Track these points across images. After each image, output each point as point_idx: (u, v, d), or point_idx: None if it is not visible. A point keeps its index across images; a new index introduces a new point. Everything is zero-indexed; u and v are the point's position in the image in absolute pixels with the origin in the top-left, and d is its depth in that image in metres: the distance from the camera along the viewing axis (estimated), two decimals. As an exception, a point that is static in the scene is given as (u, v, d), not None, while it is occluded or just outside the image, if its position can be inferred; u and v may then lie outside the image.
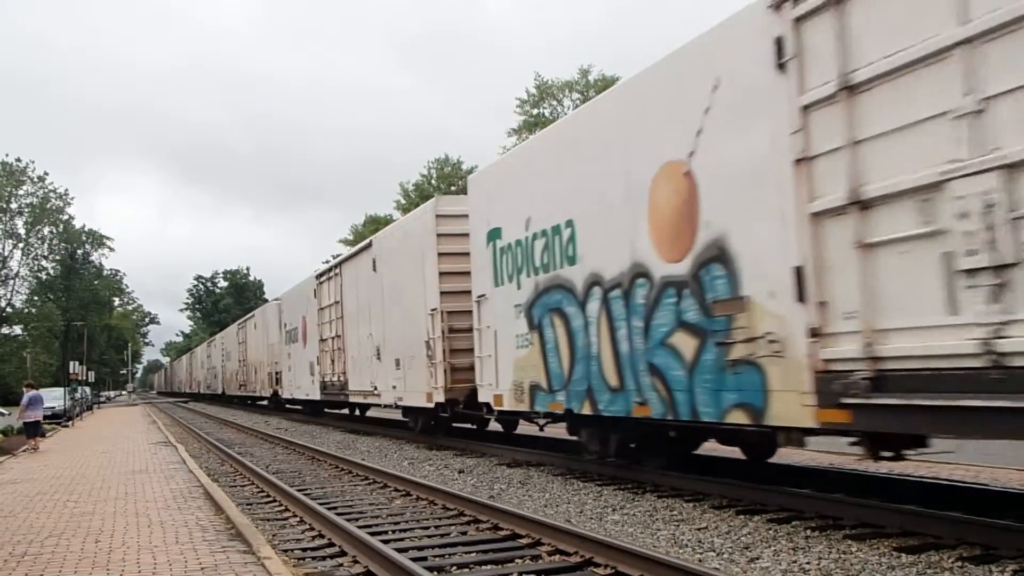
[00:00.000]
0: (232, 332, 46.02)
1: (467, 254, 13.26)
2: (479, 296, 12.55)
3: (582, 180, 9.67)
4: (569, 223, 9.96)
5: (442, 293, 14.19)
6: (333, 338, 21.39)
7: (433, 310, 14.34)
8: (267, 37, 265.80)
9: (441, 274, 14.24)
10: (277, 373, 30.66)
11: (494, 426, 17.84)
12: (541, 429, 12.65)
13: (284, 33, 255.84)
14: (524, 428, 16.09)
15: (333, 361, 21.43)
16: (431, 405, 14.58)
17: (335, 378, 21.31)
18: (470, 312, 13.06)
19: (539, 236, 10.62)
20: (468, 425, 16.35)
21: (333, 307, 21.38)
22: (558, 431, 12.57)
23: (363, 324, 18.73)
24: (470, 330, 13.07)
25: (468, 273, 13.23)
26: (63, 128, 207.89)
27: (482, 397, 12.59)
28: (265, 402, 36.49)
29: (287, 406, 31.78)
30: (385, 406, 18.33)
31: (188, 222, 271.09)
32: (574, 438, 11.24)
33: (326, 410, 26.83)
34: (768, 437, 8.15)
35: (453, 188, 57.70)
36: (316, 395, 23.91)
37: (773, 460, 10.36)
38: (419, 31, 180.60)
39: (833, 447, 12.62)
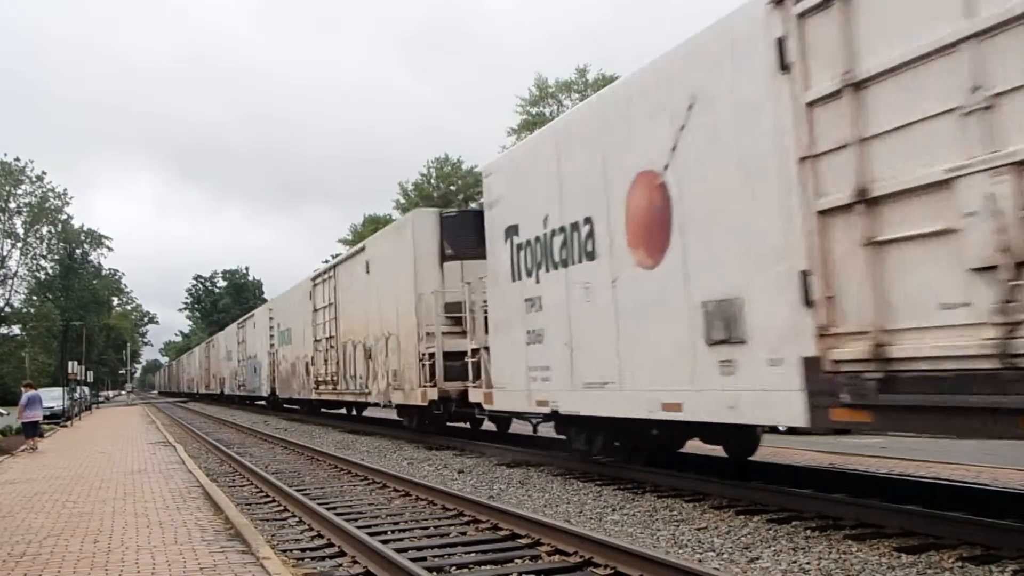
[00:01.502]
0: (298, 296, 26.92)
1: None
2: None
3: None
4: None
5: None
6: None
7: None
8: (266, 34, 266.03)
9: None
10: (454, 356, 14.41)
11: (488, 425, 16.43)
12: None
13: (283, 30, 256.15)
14: (519, 427, 15.96)
15: None
16: None
17: None
18: None
19: None
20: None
21: None
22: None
23: None
24: None
25: None
26: (60, 125, 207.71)
27: None
28: (404, 419, 18.07)
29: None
30: None
31: (186, 221, 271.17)
32: None
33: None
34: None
35: (452, 188, 57.67)
36: (797, 412, 6.58)
37: (773, 460, 10.36)
38: (418, 28, 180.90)
39: (835, 447, 12.62)
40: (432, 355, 14.96)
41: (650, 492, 9.21)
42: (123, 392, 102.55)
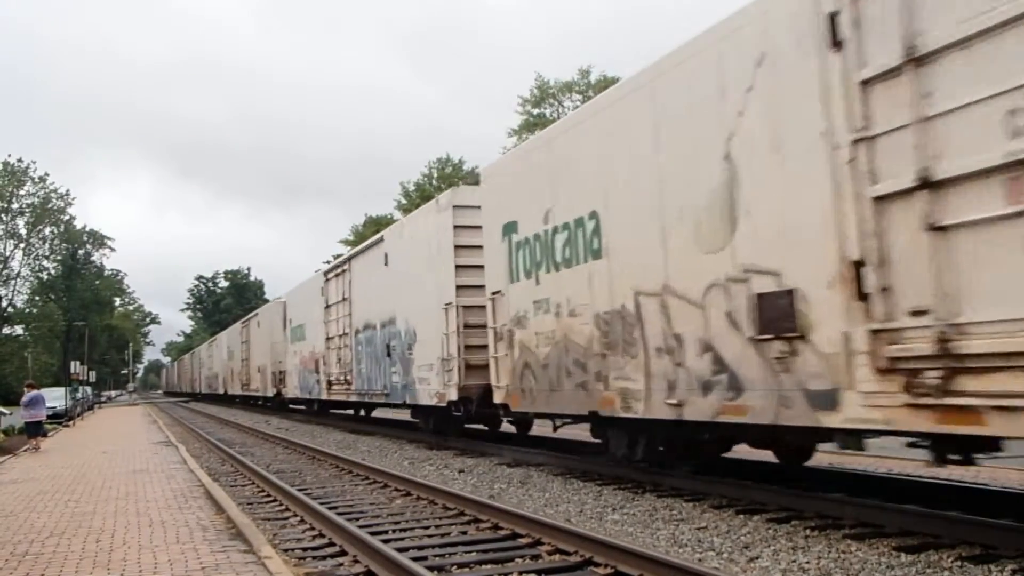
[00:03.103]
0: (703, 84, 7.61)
1: None
2: None
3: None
4: None
5: None
6: None
7: None
8: (265, 33, 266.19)
9: None
10: None
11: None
12: None
13: (283, 29, 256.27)
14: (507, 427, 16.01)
15: None
16: None
17: None
18: None
19: None
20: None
21: None
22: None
23: None
24: None
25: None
26: (58, 125, 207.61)
27: None
28: None
29: None
30: None
31: (186, 221, 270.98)
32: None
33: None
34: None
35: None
36: None
37: (772, 460, 10.36)
38: (419, 28, 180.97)
39: (832, 447, 12.60)
40: None
41: (650, 492, 9.23)
42: (125, 392, 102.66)
